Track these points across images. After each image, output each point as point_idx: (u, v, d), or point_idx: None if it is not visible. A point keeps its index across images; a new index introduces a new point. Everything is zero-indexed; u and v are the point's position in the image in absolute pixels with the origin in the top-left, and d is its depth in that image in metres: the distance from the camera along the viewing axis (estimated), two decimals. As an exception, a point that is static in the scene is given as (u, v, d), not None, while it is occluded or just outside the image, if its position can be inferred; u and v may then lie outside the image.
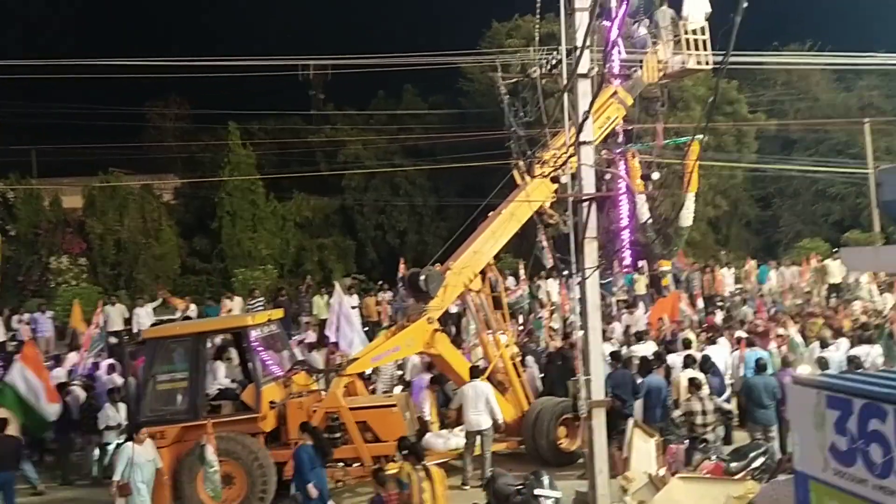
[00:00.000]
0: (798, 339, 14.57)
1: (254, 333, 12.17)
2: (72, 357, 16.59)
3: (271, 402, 11.68)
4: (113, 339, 19.50)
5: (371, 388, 14.08)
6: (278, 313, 13.88)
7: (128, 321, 21.26)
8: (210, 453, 10.09)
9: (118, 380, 15.17)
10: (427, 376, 13.88)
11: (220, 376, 14.27)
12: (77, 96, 29.93)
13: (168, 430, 11.27)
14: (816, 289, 22.60)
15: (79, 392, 14.36)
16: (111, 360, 16.25)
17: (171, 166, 35.13)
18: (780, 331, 15.21)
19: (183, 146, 33.88)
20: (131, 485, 9.97)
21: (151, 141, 34.43)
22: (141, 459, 10.15)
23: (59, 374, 15.28)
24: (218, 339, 14.32)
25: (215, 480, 10.26)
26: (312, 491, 9.78)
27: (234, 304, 22.25)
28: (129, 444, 10.33)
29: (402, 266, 20.48)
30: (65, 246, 27.29)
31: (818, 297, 21.82)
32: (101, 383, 15.06)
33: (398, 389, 14.11)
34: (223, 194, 29.71)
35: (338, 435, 11.53)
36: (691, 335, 15.58)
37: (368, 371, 13.83)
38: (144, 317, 20.58)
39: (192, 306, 21.84)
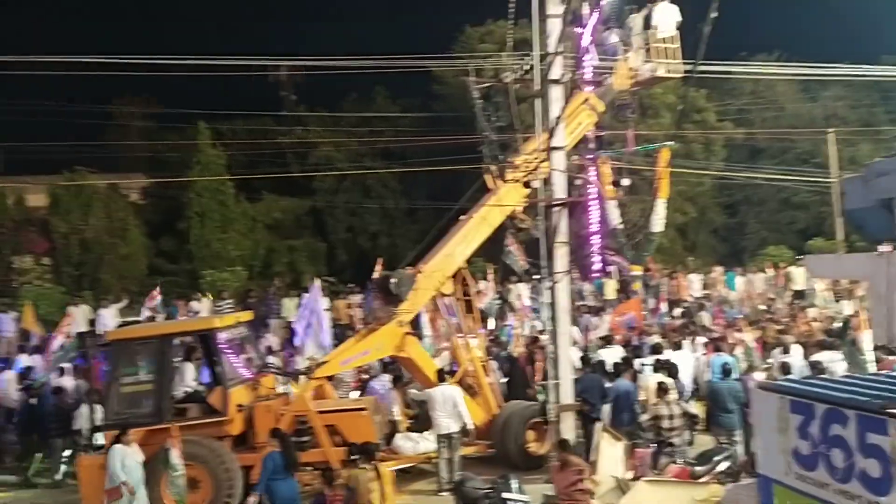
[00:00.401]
0: (752, 344, 14.83)
1: (222, 335, 12.03)
2: (23, 359, 16.27)
3: (239, 405, 11.55)
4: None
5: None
6: (247, 315, 13.75)
7: (92, 322, 20.91)
8: (175, 457, 9.96)
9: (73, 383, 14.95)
10: (386, 377, 13.86)
11: (189, 378, 14.10)
12: (43, 93, 29.42)
13: (132, 433, 11.08)
14: (781, 295, 23.00)
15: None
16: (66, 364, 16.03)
17: (139, 166, 34.60)
18: (737, 336, 15.46)
19: (151, 145, 33.42)
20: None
21: (119, 140, 33.90)
22: (131, 461, 10.02)
23: (9, 376, 15.01)
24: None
25: (179, 485, 10.12)
26: (251, 500, 9.69)
27: (203, 306, 22.02)
28: (120, 446, 10.15)
29: (378, 267, 20.43)
30: (28, 245, 26.73)
31: (782, 304, 22.18)
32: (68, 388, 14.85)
33: (355, 394, 14.01)
34: (192, 194, 29.32)
35: (306, 438, 11.45)
36: (659, 340, 15.75)
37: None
38: (109, 318, 20.25)
39: (158, 307, 21.52)
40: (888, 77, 29.86)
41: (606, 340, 15.39)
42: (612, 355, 14.04)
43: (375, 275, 17.45)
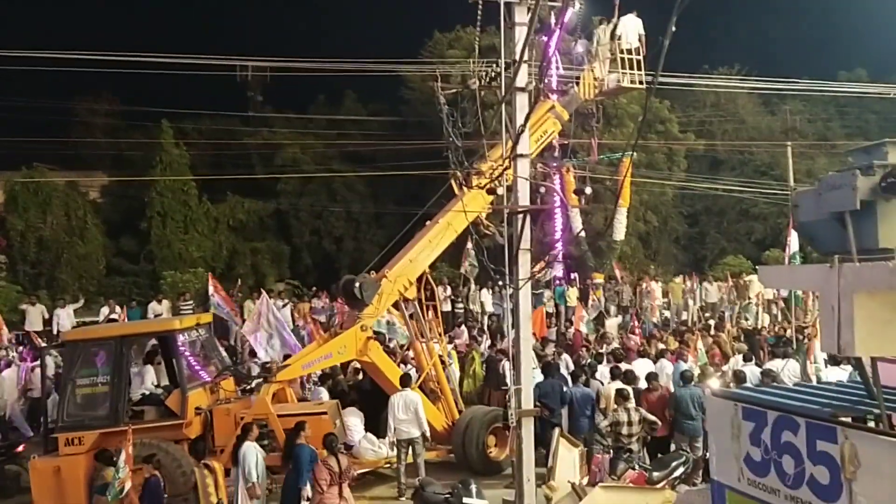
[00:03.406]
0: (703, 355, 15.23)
1: (181, 337, 11.86)
2: None
3: (197, 408, 11.40)
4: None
5: None
6: (207, 317, 13.59)
7: (48, 322, 20.50)
8: (122, 460, 9.66)
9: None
10: (323, 391, 13.85)
11: (148, 381, 13.89)
12: (3, 88, 28.77)
13: (86, 435, 10.89)
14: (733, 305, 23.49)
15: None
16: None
17: (100, 164, 33.98)
18: (661, 346, 15.99)
19: (112, 143, 32.84)
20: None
21: (79, 136, 33.26)
22: (260, 458, 10.10)
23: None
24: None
25: (114, 487, 9.82)
26: (307, 492, 9.72)
27: (163, 308, 21.72)
28: (252, 443, 10.11)
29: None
30: (-18, 243, 26.12)
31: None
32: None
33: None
34: (154, 194, 28.90)
35: (266, 442, 11.34)
36: (616, 346, 16.06)
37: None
38: (65, 318, 19.88)
39: (117, 308, 21.21)
40: (844, 93, 30.73)
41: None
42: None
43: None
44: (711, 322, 20.59)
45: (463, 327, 19.82)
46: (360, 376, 14.65)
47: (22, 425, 15.29)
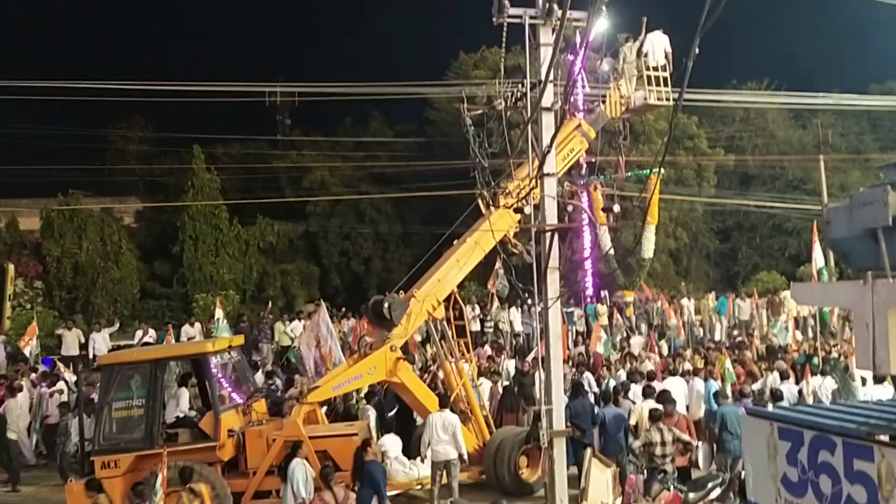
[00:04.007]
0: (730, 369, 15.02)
1: (213, 360, 12.00)
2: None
3: (230, 431, 11.49)
4: None
5: None
6: (238, 339, 13.72)
7: (84, 346, 20.82)
8: (158, 482, 9.82)
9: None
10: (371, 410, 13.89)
11: (184, 403, 14.02)
12: (37, 116, 29.54)
13: (122, 458, 11.02)
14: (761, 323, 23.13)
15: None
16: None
17: (133, 189, 34.68)
18: (687, 365, 15.72)
19: (146, 169, 33.49)
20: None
21: (114, 163, 33.97)
22: (310, 476, 10.28)
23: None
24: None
25: None
26: None
27: (195, 330, 21.96)
28: (301, 461, 10.31)
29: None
30: (20, 268, 26.64)
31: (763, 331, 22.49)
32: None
33: None
34: (186, 218, 29.38)
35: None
36: (651, 367, 15.87)
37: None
38: (101, 342, 20.18)
39: (151, 331, 21.50)
40: (876, 106, 30.30)
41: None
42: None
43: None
44: (740, 340, 20.30)
45: (486, 347, 19.75)
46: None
47: (28, 452, 15.47)
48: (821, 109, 33.85)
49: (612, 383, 14.64)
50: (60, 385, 16.30)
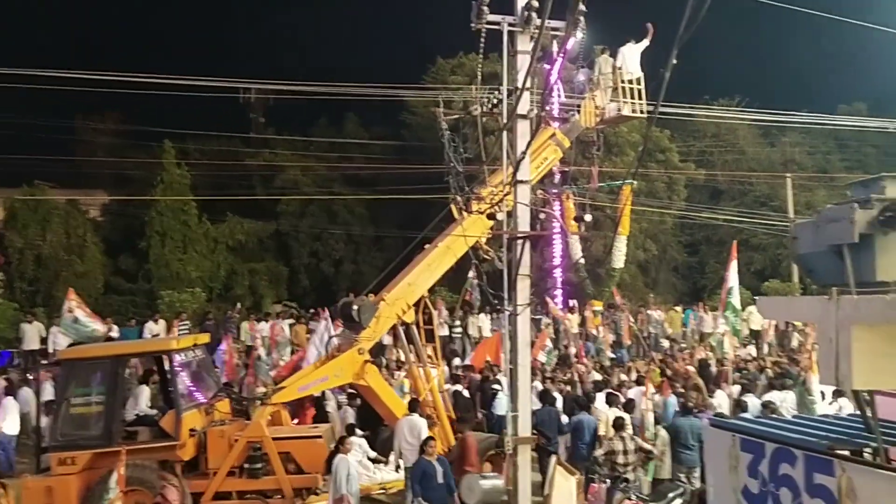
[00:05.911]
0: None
1: (178, 358, 11.81)
2: None
3: (191, 430, 11.32)
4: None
5: None
6: (204, 338, 13.54)
7: (44, 340, 20.41)
8: (113, 481, 9.57)
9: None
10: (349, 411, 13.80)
11: (143, 401, 13.78)
12: (4, 105, 28.87)
13: (79, 455, 10.80)
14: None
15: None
16: None
17: (101, 182, 34.08)
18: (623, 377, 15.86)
19: (114, 162, 32.94)
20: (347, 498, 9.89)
21: (82, 155, 33.36)
22: (354, 472, 10.25)
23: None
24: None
25: None
26: None
27: (160, 327, 21.65)
28: (343, 455, 10.30)
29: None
30: (-20, 259, 26.08)
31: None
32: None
33: None
34: (154, 213, 28.92)
35: (259, 465, 11.25)
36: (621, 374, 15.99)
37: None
38: (61, 336, 19.76)
39: (115, 327, 21.12)
40: (843, 126, 30.95)
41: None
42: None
43: None
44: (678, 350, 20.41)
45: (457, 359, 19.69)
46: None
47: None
48: (789, 128, 34.51)
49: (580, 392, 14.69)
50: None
